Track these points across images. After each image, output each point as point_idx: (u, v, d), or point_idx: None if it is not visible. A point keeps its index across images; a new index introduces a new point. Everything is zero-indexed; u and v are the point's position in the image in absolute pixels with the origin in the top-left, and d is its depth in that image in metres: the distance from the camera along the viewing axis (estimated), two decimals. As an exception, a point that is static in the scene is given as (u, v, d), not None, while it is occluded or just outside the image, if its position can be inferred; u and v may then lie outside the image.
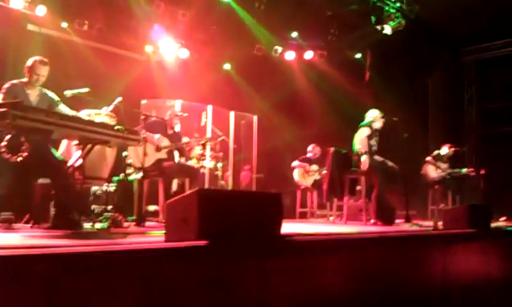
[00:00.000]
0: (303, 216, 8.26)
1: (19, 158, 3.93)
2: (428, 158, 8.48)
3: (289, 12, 8.86)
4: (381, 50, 9.84)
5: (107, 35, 8.45)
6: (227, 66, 10.36)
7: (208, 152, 7.57)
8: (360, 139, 6.27)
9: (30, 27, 7.66)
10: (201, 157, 7.22)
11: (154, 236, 3.67)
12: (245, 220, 3.08)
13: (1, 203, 4.16)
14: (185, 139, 6.54)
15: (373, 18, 8.79)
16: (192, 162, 6.82)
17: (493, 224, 5.37)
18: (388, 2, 8.56)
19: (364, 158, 6.16)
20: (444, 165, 8.38)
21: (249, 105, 9.84)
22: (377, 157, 6.38)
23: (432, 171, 8.37)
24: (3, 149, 3.95)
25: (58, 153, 4.71)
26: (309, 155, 8.51)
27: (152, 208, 6.36)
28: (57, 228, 4.07)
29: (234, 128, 9.25)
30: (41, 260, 2.08)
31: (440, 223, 5.08)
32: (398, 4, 8.59)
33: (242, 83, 10.07)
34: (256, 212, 3.20)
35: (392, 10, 8.63)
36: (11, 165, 4.04)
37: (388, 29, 8.74)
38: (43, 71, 4.52)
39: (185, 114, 6.76)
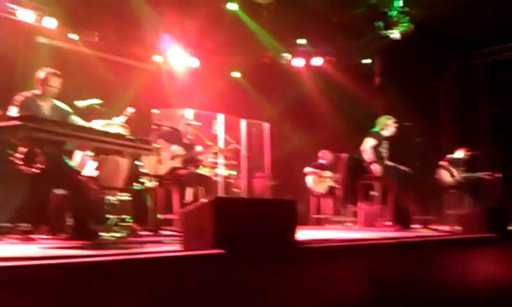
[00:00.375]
0: (318, 222, 8.24)
1: (34, 170, 3.96)
2: (442, 163, 8.42)
3: (297, 19, 8.88)
4: (390, 55, 9.81)
5: (116, 46, 8.51)
6: (236, 74, 10.38)
7: (221, 160, 7.58)
8: (365, 150, 6.28)
9: (40, 39, 7.73)
10: (214, 166, 7.23)
11: (171, 245, 3.67)
12: (260, 228, 3.08)
13: (18, 214, 4.19)
14: (198, 148, 6.57)
15: (380, 24, 8.77)
16: (205, 171, 6.83)
17: (510, 228, 5.31)
18: (395, 7, 8.54)
19: (374, 167, 6.14)
20: (458, 170, 8.32)
21: (260, 112, 9.85)
22: (389, 163, 6.36)
23: (446, 176, 8.31)
24: (19, 162, 3.99)
25: (72, 164, 4.74)
26: (321, 160, 8.50)
27: (165, 217, 6.37)
28: (74, 238, 4.09)
29: (246, 136, 9.26)
30: (59, 270, 2.09)
31: (458, 227, 5.03)
32: (405, 9, 8.57)
33: (252, 91, 10.09)
34: (271, 219, 3.21)
35: (399, 15, 8.61)
36: (27, 177, 4.07)
37: (396, 34, 8.72)
38: (57, 83, 4.57)
39: (199, 123, 6.80)
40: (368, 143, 6.33)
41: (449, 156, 8.49)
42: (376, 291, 3.44)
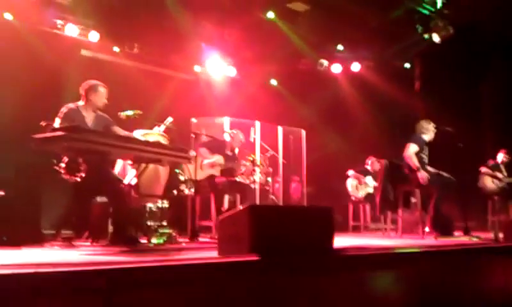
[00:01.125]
0: (356, 230, 8.14)
1: (77, 179, 4.09)
2: (483, 170, 8.19)
3: (334, 25, 8.84)
4: (430, 59, 9.62)
5: (156, 57, 8.71)
6: (273, 82, 10.42)
7: (257, 168, 7.62)
8: (409, 157, 6.13)
9: (83, 52, 8.00)
10: (251, 173, 7.27)
11: (208, 251, 3.72)
12: (296, 235, 3.09)
13: (61, 221, 4.34)
14: (240, 162, 6.66)
15: (420, 28, 8.63)
16: (242, 178, 6.89)
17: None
18: (434, 10, 8.38)
19: (421, 174, 6.00)
20: (501, 175, 8.07)
21: (297, 119, 9.84)
22: (430, 169, 6.22)
23: (489, 182, 8.08)
24: (62, 171, 4.13)
25: (114, 172, 4.87)
26: (367, 167, 8.44)
27: (203, 224, 6.46)
28: (115, 244, 4.20)
29: (283, 143, 9.27)
30: (101, 276, 2.16)
31: (501, 235, 4.87)
32: (445, 12, 8.39)
33: (289, 98, 10.10)
34: (307, 226, 3.21)
35: (438, 18, 8.45)
36: (70, 186, 4.21)
37: (436, 38, 8.55)
38: (101, 95, 4.70)
39: (241, 137, 6.88)
40: (412, 149, 6.17)
41: (491, 162, 8.27)
42: (415, 301, 3.37)
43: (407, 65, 10.38)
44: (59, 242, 4.15)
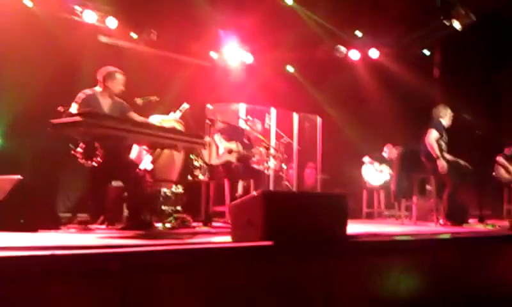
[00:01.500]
0: (370, 216, 8.13)
1: (94, 163, 4.14)
2: (499, 159, 8.09)
3: (352, 11, 8.74)
4: (450, 46, 9.47)
5: (173, 43, 8.71)
6: (291, 69, 10.37)
7: (272, 154, 7.63)
8: (430, 144, 6.03)
9: (101, 38, 8.04)
10: (265, 159, 7.28)
11: (221, 236, 3.75)
12: (310, 221, 3.09)
13: (78, 205, 4.41)
14: (256, 150, 6.66)
15: (440, 14, 8.49)
16: (256, 165, 6.90)
17: None
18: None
19: (441, 162, 5.92)
20: None
21: (313, 106, 9.79)
22: (448, 156, 6.15)
23: (503, 172, 8.00)
24: (79, 156, 4.18)
25: (130, 158, 4.92)
26: (384, 154, 8.39)
27: (217, 209, 6.50)
28: (130, 228, 4.26)
29: (298, 130, 9.24)
30: (116, 259, 2.19)
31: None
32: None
33: (306, 84, 10.04)
34: (321, 212, 3.21)
35: (459, 5, 8.29)
36: (87, 170, 4.27)
37: (457, 25, 8.40)
38: (119, 81, 4.72)
39: (267, 124, 6.89)
40: (433, 135, 6.06)
41: (506, 150, 8.16)
42: (429, 289, 3.36)
43: (426, 52, 10.23)
44: (76, 226, 4.23)
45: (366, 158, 8.33)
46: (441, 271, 3.46)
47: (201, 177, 5.94)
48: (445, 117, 6.25)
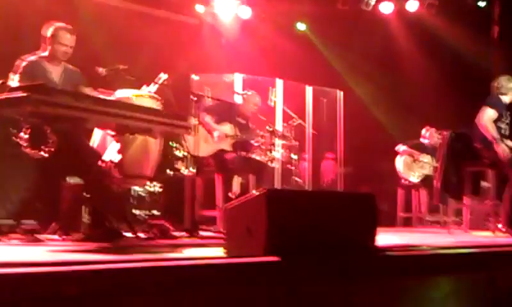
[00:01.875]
0: (407, 223, 8.17)
1: (43, 153, 4.14)
2: None
3: None
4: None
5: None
6: (302, 27, 10.36)
7: (278, 141, 7.64)
8: (484, 125, 6.05)
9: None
10: (270, 148, 7.30)
11: (211, 249, 3.77)
12: (327, 230, 3.12)
13: (23, 209, 4.41)
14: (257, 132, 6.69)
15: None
16: (258, 155, 6.92)
17: None
18: None
19: (501, 147, 5.94)
20: None
21: (333, 77, 9.81)
22: (510, 143, 6.17)
23: None
24: (24, 143, 4.17)
25: (91, 146, 4.92)
26: (423, 140, 8.41)
27: (206, 213, 6.53)
28: (92, 238, 4.27)
29: (313, 109, 9.26)
30: (72, 280, 2.20)
31: None
32: None
33: (322, 48, 10.04)
34: (343, 218, 3.23)
35: None
36: (34, 163, 4.27)
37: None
38: (70, 41, 4.69)
39: (272, 101, 6.89)
40: (489, 114, 6.08)
41: None
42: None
43: (482, 4, 10.22)
44: (19, 236, 4.24)
45: (402, 147, 8.34)
46: (502, 295, 3.49)
47: (184, 171, 5.95)
48: (508, 92, 6.26)
